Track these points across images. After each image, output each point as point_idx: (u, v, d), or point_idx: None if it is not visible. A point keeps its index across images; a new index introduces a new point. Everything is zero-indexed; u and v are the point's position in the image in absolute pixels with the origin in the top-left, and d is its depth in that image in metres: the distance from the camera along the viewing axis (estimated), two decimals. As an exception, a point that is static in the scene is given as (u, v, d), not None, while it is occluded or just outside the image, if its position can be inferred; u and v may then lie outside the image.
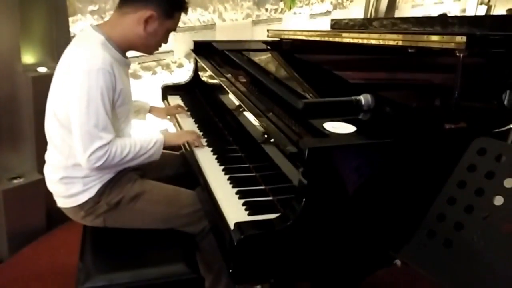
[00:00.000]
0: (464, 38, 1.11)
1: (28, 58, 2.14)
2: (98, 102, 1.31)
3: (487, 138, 1.02)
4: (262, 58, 2.15)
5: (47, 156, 1.54)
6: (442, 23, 1.89)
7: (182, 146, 1.75)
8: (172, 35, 1.59)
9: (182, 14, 1.52)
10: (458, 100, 1.21)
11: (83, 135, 1.32)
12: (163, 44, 1.55)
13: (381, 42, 1.41)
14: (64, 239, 2.25)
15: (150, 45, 1.50)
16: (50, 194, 1.56)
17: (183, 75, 3.22)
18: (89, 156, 1.32)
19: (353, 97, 1.34)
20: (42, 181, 2.16)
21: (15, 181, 2.13)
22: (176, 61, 3.21)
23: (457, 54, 1.17)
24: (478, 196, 1.00)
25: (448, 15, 4.45)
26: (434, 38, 1.22)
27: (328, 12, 4.60)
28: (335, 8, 4.68)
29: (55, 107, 1.41)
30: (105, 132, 1.34)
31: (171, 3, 1.45)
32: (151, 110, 1.94)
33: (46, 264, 2.09)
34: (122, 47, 1.46)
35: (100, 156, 1.34)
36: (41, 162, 2.19)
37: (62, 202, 1.51)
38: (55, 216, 2.27)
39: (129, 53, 1.53)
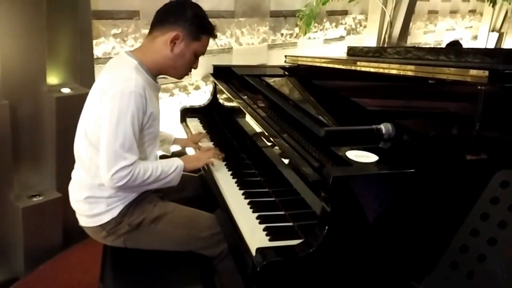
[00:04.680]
0: (486, 73, 1.13)
1: (53, 79, 2.21)
2: (127, 124, 1.35)
3: (509, 171, 1.03)
4: (280, 84, 2.19)
5: (74, 174, 1.57)
6: (456, 54, 1.91)
7: (201, 169, 1.78)
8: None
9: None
10: (480, 132, 1.23)
11: (109, 154, 1.35)
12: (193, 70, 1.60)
13: (402, 73, 1.44)
14: (80, 257, 2.26)
15: (178, 67, 1.54)
16: (67, 212, 1.58)
17: (199, 97, 3.28)
18: (113, 175, 1.35)
19: (373, 126, 1.36)
20: (61, 199, 2.21)
21: (34, 198, 2.15)
22: (193, 83, 3.28)
23: (479, 87, 1.19)
24: (501, 228, 1.00)
25: (460, 41, 4.50)
26: (456, 71, 1.24)
27: (341, 38, 4.66)
28: (348, 33, 4.75)
29: (86, 126, 1.45)
30: (130, 153, 1.37)
31: (197, 25, 1.50)
32: (176, 141, 1.96)
33: (62, 282, 2.10)
34: (153, 72, 1.51)
35: (123, 176, 1.36)
36: (60, 181, 2.25)
37: (85, 221, 1.53)
38: (71, 234, 2.31)
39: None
